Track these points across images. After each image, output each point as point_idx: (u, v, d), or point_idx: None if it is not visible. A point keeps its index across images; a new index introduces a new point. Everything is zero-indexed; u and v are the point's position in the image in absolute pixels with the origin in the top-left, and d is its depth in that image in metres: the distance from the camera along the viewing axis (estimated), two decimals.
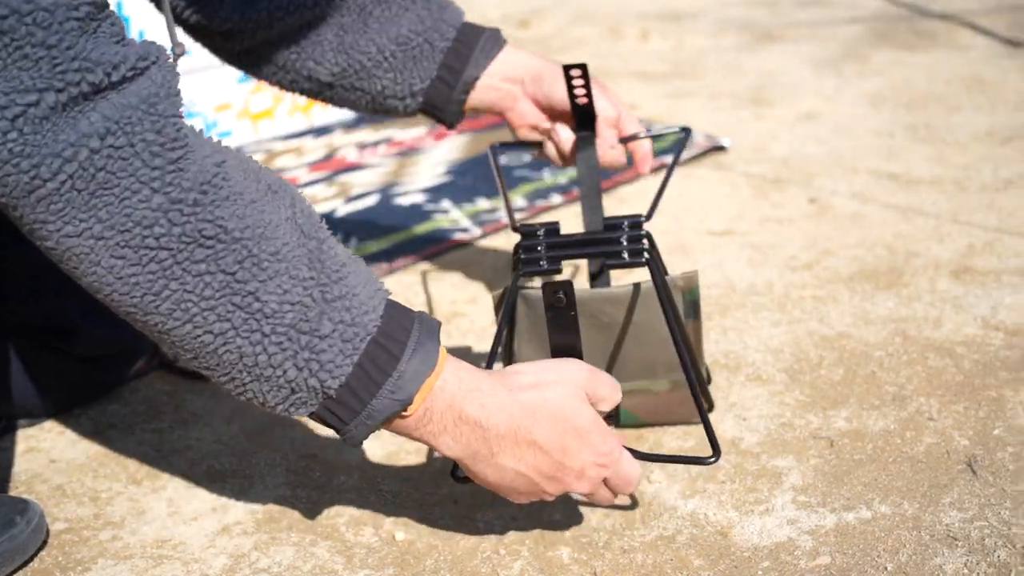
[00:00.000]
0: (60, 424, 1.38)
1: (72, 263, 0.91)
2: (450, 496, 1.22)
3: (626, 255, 1.23)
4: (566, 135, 1.39)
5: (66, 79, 0.85)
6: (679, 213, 1.98)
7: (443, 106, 1.39)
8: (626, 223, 1.24)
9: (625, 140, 1.41)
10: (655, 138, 1.43)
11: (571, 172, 2.18)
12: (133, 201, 0.88)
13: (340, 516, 1.20)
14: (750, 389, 1.40)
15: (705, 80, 2.93)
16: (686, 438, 1.31)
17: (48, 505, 1.23)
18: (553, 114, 1.40)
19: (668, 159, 2.23)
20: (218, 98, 2.34)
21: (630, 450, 1.08)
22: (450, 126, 1.42)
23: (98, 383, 1.43)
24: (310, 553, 1.15)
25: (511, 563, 1.12)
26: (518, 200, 2.03)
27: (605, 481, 1.07)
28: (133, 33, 2.15)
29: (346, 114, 2.60)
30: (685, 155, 2.25)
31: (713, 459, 1.08)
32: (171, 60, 0.93)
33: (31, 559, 1.15)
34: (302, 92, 1.42)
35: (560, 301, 1.12)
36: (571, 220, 1.92)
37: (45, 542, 1.17)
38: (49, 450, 1.34)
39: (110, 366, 1.43)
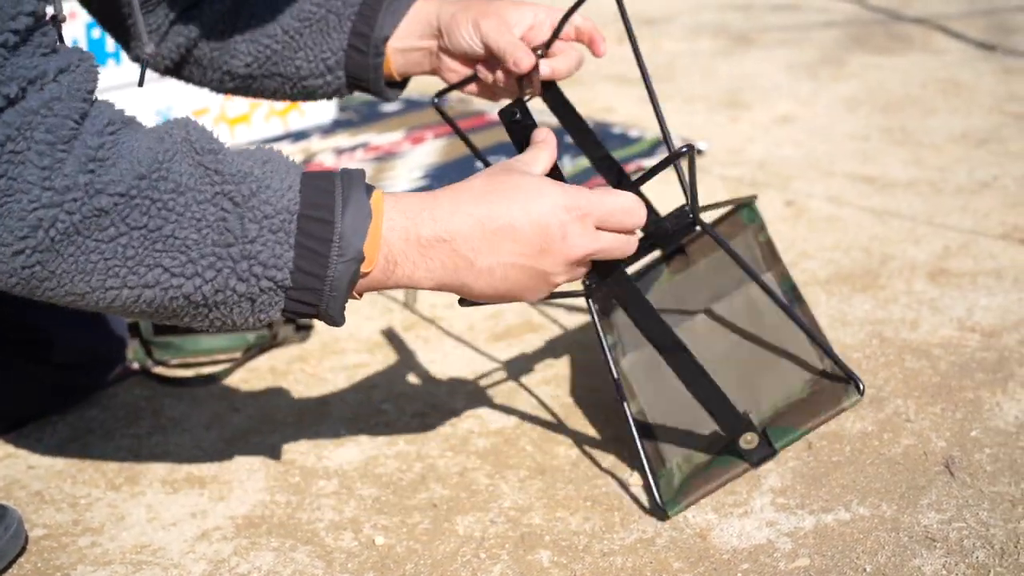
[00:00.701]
0: (38, 430, 1.38)
1: None
2: (429, 501, 1.22)
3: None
4: (497, 70, 1.30)
5: None
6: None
7: (364, 76, 1.32)
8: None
9: (550, 41, 1.29)
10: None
11: None
12: (24, 203, 0.87)
13: (320, 521, 1.20)
14: None
15: (681, 84, 2.94)
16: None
17: (27, 511, 1.23)
18: (476, 60, 1.31)
19: (646, 162, 2.23)
20: (195, 103, 2.34)
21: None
22: (386, 98, 1.35)
23: (76, 389, 1.43)
24: (290, 558, 1.15)
25: (491, 567, 1.12)
26: None
27: (603, 229, 1.03)
28: (109, 38, 2.15)
29: (323, 119, 2.60)
30: (660, 159, 2.25)
31: (685, 149, 1.04)
32: (94, 63, 0.93)
33: (10, 565, 1.14)
34: (230, 90, 1.37)
35: (513, 114, 1.11)
36: None
37: (24, 548, 1.17)
38: (27, 456, 1.33)
39: (88, 372, 1.43)
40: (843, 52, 3.19)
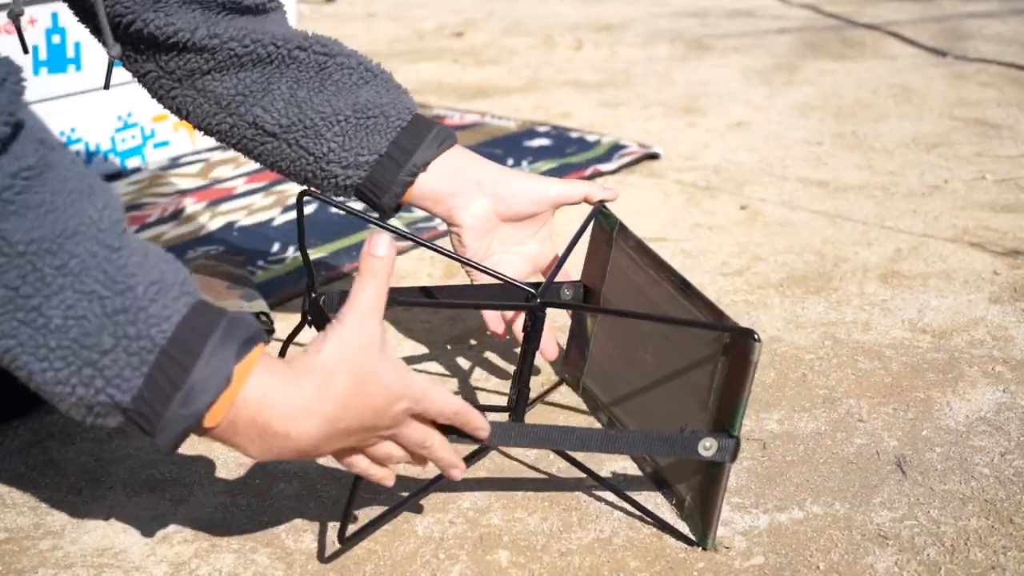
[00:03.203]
0: None
1: None
2: (389, 503, 1.23)
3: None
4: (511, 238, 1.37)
5: None
6: None
7: (386, 186, 1.32)
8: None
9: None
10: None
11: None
12: None
13: (280, 523, 1.21)
14: None
15: (637, 89, 2.95)
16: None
17: None
18: (505, 218, 1.36)
19: (603, 167, 2.25)
20: (156, 108, 2.34)
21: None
22: (383, 213, 1.35)
23: (37, 394, 1.42)
24: (250, 560, 1.15)
25: (450, 567, 1.13)
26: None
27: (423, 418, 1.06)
28: (69, 43, 2.15)
29: None
30: (617, 164, 2.27)
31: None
32: (21, 79, 0.90)
33: None
34: (238, 143, 1.34)
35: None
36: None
37: None
38: None
39: None
40: (797, 58, 3.21)
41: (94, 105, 2.23)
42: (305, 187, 1.34)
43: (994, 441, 1.30)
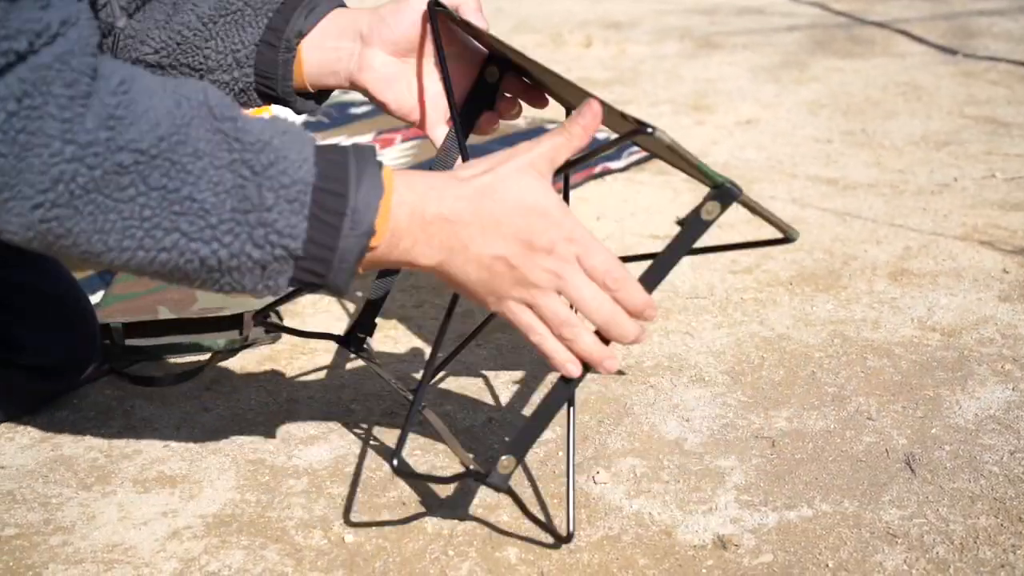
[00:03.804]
0: (9, 430, 1.38)
1: (11, 234, 0.90)
2: (399, 499, 1.23)
3: None
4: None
5: None
6: (623, 217, 2.00)
7: (273, 72, 1.27)
8: None
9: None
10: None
11: None
12: (45, 157, 0.87)
13: (289, 519, 1.21)
14: (693, 390, 1.42)
15: (646, 87, 2.95)
16: None
17: None
18: (404, 52, 1.27)
19: (612, 164, 2.25)
20: None
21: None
22: (295, 107, 1.30)
23: (46, 391, 1.43)
24: (260, 556, 1.15)
25: (459, 564, 1.13)
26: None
27: (584, 269, 1.03)
28: None
29: (294, 120, 2.60)
30: (625, 162, 2.27)
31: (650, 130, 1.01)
32: (92, 16, 0.92)
33: None
34: None
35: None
36: None
37: None
38: None
39: (59, 375, 1.43)
40: (806, 56, 3.21)
41: None
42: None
43: (1003, 439, 1.30)
